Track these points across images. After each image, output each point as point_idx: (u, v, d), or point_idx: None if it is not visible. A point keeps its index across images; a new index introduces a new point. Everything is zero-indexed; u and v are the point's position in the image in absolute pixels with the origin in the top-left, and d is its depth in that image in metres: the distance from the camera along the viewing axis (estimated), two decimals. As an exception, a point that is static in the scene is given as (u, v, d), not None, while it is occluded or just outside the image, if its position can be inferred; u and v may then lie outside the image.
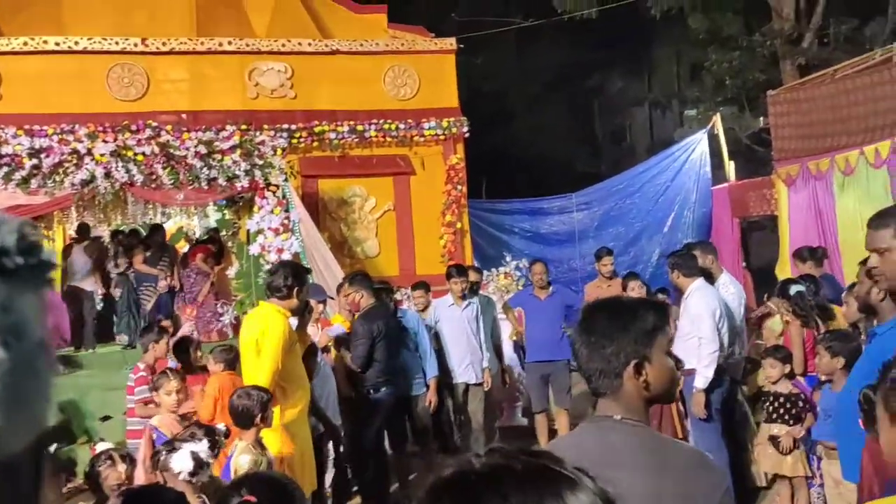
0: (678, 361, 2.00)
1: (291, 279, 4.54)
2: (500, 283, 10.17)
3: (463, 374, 6.84)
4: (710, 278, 5.84)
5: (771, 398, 5.19)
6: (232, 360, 5.10)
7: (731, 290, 5.82)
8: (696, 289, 5.43)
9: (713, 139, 12.68)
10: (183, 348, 5.81)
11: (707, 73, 16.53)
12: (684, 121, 23.07)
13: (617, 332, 1.84)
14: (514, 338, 8.29)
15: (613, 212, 12.73)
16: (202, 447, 3.13)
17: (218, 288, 10.78)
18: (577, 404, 7.28)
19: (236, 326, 8.38)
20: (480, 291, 8.01)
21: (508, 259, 10.84)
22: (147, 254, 9.99)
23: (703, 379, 5.28)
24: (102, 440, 5.32)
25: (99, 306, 10.29)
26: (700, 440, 5.47)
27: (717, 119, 12.69)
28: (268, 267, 7.56)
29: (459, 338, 6.83)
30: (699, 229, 12.21)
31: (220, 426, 3.67)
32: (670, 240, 11.88)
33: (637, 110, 26.58)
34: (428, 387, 6.47)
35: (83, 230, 10.18)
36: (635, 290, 6.58)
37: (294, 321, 5.45)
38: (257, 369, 4.25)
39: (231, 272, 10.28)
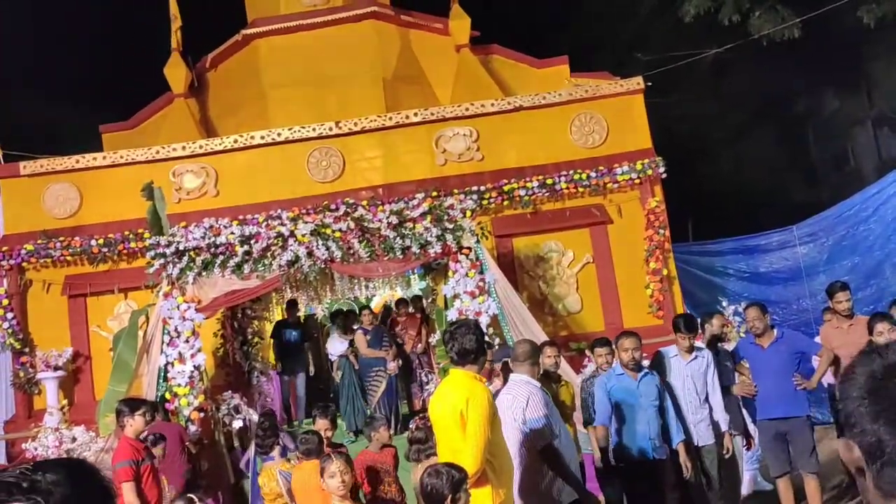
0: None
1: (481, 338, 4.22)
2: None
3: (677, 433, 6.10)
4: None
5: None
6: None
7: None
8: None
9: (960, 147, 10.95)
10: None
11: (941, 77, 14.58)
12: (918, 133, 20.53)
13: None
14: (738, 392, 7.37)
15: (845, 241, 11.27)
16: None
17: (424, 357, 10.84)
18: (827, 468, 6.25)
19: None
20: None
21: (725, 304, 9.88)
22: (367, 337, 9.81)
23: None
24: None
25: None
26: None
27: (961, 124, 10.92)
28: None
29: (679, 394, 6.15)
30: (955, 253, 10.48)
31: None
32: (919, 267, 10.30)
33: (859, 130, 24.19)
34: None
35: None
36: (884, 335, 5.47)
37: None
38: (465, 445, 3.85)
39: (433, 339, 10.27)
